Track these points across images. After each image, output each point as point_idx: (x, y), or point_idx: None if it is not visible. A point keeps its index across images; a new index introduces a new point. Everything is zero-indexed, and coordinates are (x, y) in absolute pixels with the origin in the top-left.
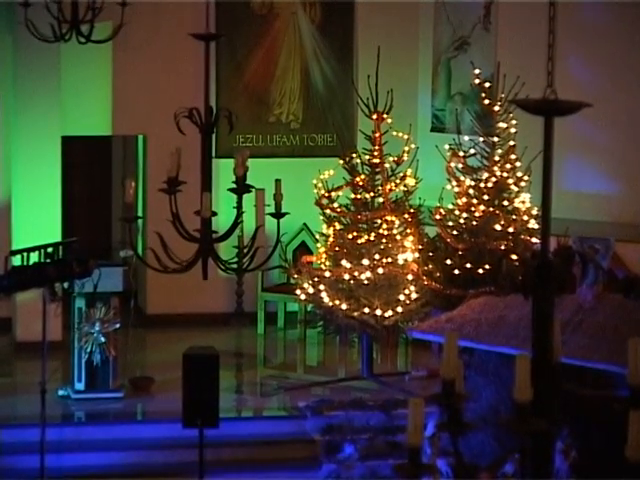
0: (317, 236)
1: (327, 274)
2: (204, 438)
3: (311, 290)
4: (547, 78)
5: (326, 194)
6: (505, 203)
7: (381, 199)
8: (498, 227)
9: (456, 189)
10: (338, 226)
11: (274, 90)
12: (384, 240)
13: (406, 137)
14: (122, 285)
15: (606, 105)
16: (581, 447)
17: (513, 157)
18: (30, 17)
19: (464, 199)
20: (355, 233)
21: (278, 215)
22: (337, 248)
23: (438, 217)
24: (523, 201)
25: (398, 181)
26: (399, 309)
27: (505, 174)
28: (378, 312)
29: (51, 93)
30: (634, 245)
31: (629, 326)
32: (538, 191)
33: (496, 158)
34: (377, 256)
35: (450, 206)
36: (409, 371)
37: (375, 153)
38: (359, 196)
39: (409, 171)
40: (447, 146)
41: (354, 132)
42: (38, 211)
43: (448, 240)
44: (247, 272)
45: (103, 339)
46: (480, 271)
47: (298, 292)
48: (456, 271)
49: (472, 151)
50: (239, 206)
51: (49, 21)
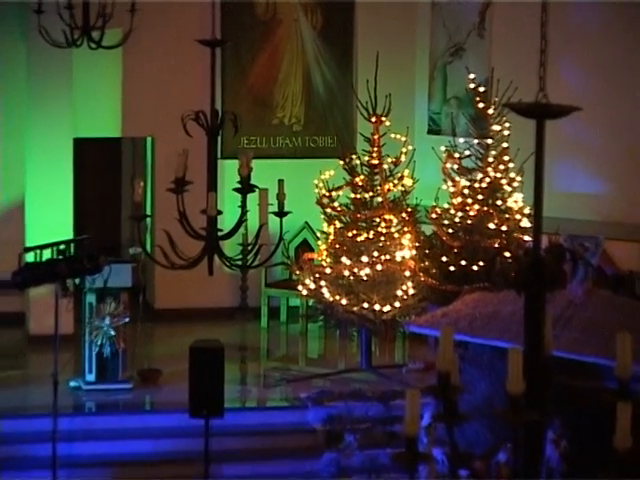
0: (318, 234)
1: (328, 270)
2: (210, 427)
3: (312, 286)
4: (539, 82)
5: (327, 194)
6: (498, 203)
7: (380, 199)
8: (492, 226)
9: (451, 189)
10: (338, 224)
11: (277, 94)
12: (382, 238)
13: (404, 139)
14: (131, 281)
15: (596, 109)
16: (571, 437)
17: (506, 158)
18: (43, 24)
19: (459, 199)
20: (355, 231)
21: (281, 214)
22: (337, 246)
23: (434, 216)
24: (516, 201)
25: (396, 181)
26: (397, 304)
27: (498, 175)
28: (377, 307)
29: (63, 96)
30: (623, 243)
31: (618, 321)
32: (530, 191)
33: (490, 159)
34: (376, 253)
35: (446, 205)
36: (406, 364)
37: (374, 154)
38: (358, 196)
39: (406, 172)
40: (443, 148)
41: (354, 134)
42: (51, 210)
43: (444, 238)
44: (251, 268)
45: (113, 333)
46: (474, 268)
47: (300, 288)
48: (451, 268)
49: (467, 153)
50: (243, 205)
51: (61, 27)
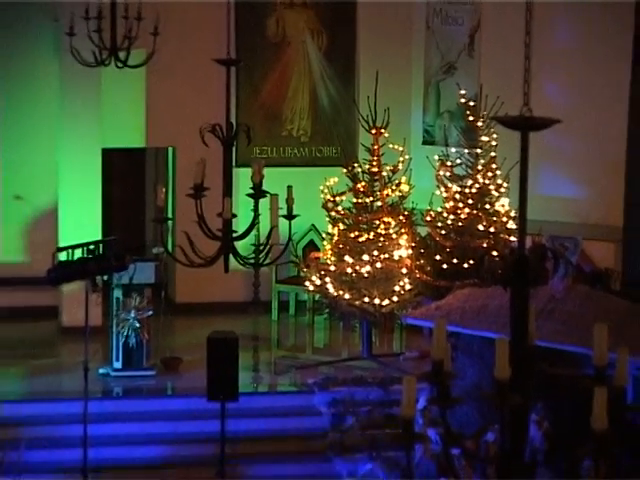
0: (323, 235)
1: (332, 268)
2: (225, 410)
3: (318, 282)
4: (523, 98)
5: (331, 199)
6: (487, 206)
7: (379, 203)
8: (481, 227)
9: (444, 194)
10: (342, 226)
11: (286, 108)
12: (382, 239)
13: (401, 149)
14: (154, 278)
15: (575, 121)
16: (553, 418)
17: (494, 166)
18: (75, 45)
19: (451, 203)
20: (357, 232)
21: (290, 217)
22: (341, 245)
23: (429, 219)
24: (502, 205)
25: (394, 187)
26: (395, 298)
27: (487, 181)
28: (376, 301)
29: (92, 111)
30: (599, 243)
31: (595, 313)
32: (515, 196)
33: (479, 167)
34: (376, 252)
35: (439, 209)
36: (403, 352)
37: (374, 163)
38: (360, 200)
39: (403, 179)
40: (436, 157)
41: (356, 145)
42: (81, 213)
43: (437, 239)
44: (263, 266)
45: (138, 324)
46: (465, 266)
47: (307, 284)
48: (444, 265)
49: (458, 161)
50: (256, 209)
51: (91, 48)
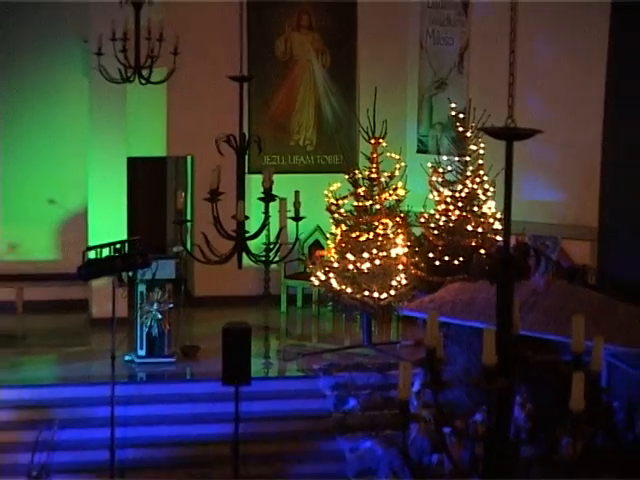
0: (327, 235)
1: (335, 265)
2: (239, 393)
3: (323, 277)
4: (508, 110)
5: (334, 202)
6: (475, 209)
7: (378, 206)
8: (469, 228)
9: (437, 198)
10: (344, 227)
11: (293, 121)
12: (380, 238)
13: (397, 157)
14: (175, 274)
15: (554, 132)
16: (535, 400)
17: (481, 173)
18: (102, 63)
19: (443, 206)
20: (357, 232)
21: (297, 219)
22: (343, 244)
23: (422, 220)
24: (489, 207)
25: (391, 192)
26: (392, 292)
27: (475, 186)
28: (375, 294)
29: (118, 123)
30: (576, 242)
31: (573, 306)
32: (501, 199)
33: (468, 174)
34: (375, 251)
35: (432, 211)
36: (400, 341)
37: (373, 170)
38: (360, 203)
39: (400, 184)
40: (429, 164)
41: (356, 153)
42: (109, 215)
43: (430, 238)
44: (273, 263)
45: (160, 316)
46: (456, 262)
47: (313, 279)
48: (437, 262)
49: (449, 168)
50: (266, 212)
51: (117, 67)
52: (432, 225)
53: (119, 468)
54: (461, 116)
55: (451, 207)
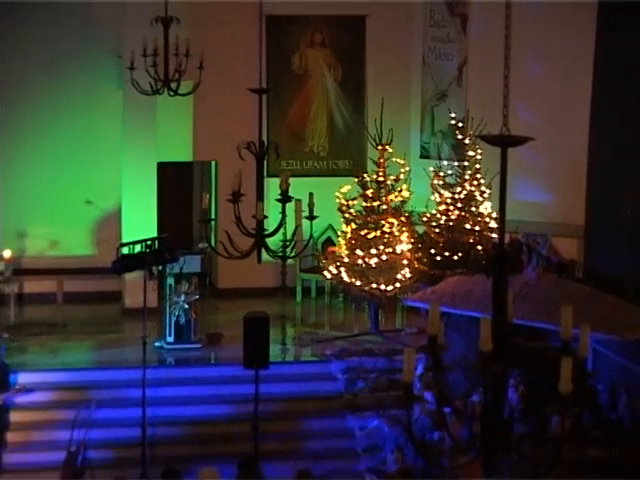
0: (339, 233)
1: (346, 260)
2: (259, 376)
3: (335, 271)
4: (503, 120)
5: (345, 203)
6: (473, 209)
7: (384, 206)
8: (468, 226)
9: (438, 199)
10: (354, 226)
11: (308, 129)
12: (386, 236)
13: (402, 162)
14: (200, 268)
15: (545, 139)
16: (527, 383)
17: (478, 176)
18: (134, 77)
19: (443, 206)
20: (366, 230)
21: (311, 218)
22: (353, 241)
23: (425, 219)
24: (486, 208)
25: (397, 193)
26: (397, 285)
27: (473, 188)
28: (382, 287)
29: (149, 131)
30: (564, 239)
31: (561, 297)
32: (496, 200)
33: (466, 177)
34: (381, 247)
35: (433, 211)
36: (404, 329)
37: (380, 174)
38: (369, 204)
39: (404, 186)
40: (431, 168)
41: (365, 159)
42: (140, 215)
43: (432, 236)
44: (289, 258)
45: (187, 306)
46: (455, 258)
47: (325, 272)
48: (438, 257)
49: (449, 172)
50: (283, 211)
51: (148, 80)
52: (434, 224)
53: (150, 444)
54: (460, 125)
55: (451, 207)
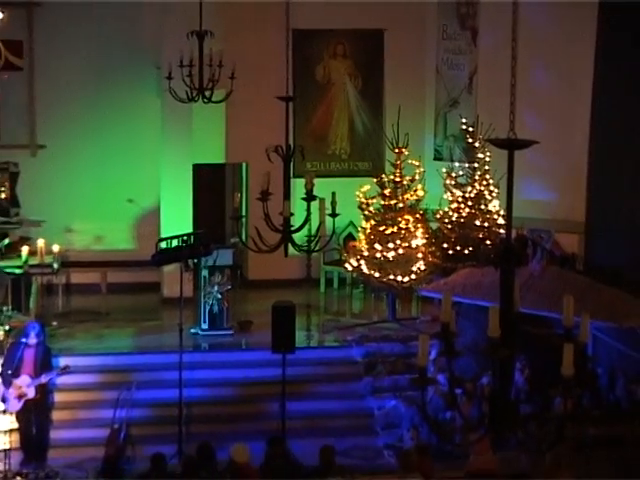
0: (359, 229)
1: (365, 253)
2: (285, 360)
3: (355, 264)
4: (509, 125)
5: (365, 201)
6: (482, 207)
7: (401, 204)
8: (477, 223)
9: (450, 198)
10: (373, 222)
11: (331, 133)
12: (403, 231)
13: (417, 164)
14: (232, 260)
15: (548, 142)
16: (532, 366)
17: (487, 177)
18: (172, 86)
19: (455, 204)
20: (384, 226)
21: (333, 215)
22: (372, 236)
23: (438, 216)
24: (494, 206)
25: (412, 193)
26: (413, 276)
27: (482, 188)
28: (399, 278)
29: (185, 135)
30: (566, 234)
31: (563, 287)
32: (504, 199)
33: (476, 177)
34: (398, 241)
35: (446, 209)
36: (419, 317)
37: (397, 174)
38: (386, 202)
39: (419, 186)
40: (444, 170)
41: (383, 161)
42: (177, 212)
43: (445, 231)
44: (313, 252)
45: (220, 296)
46: (466, 251)
47: (347, 265)
48: (450, 251)
49: (460, 173)
50: (308, 209)
51: (184, 89)
52: (446, 220)
53: (185, 422)
54: (470, 129)
55: (462, 205)
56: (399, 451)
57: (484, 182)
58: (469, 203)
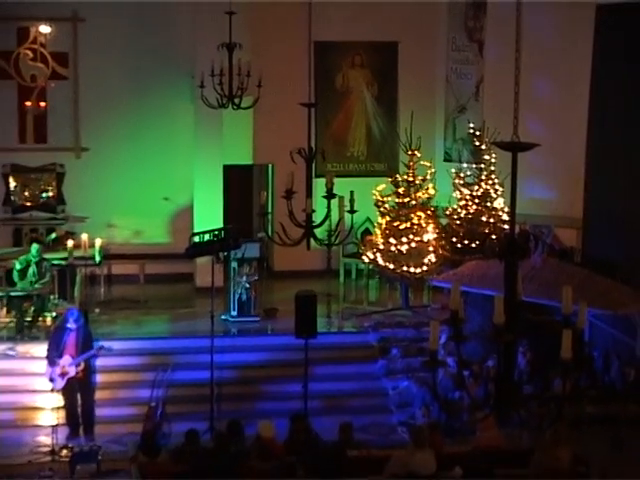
0: (375, 224)
1: (381, 247)
2: (308, 344)
3: (371, 256)
4: (513, 129)
5: (380, 199)
6: (488, 204)
7: (414, 202)
8: (484, 219)
9: (458, 196)
10: (388, 218)
11: (349, 137)
12: (415, 226)
13: (428, 165)
14: (259, 253)
15: (549, 145)
16: (533, 350)
17: (493, 177)
18: (204, 94)
19: (463, 202)
20: (398, 222)
21: (352, 212)
22: (387, 231)
23: (448, 213)
24: (499, 203)
25: (424, 191)
26: (424, 268)
27: (488, 187)
28: (412, 269)
29: (216, 139)
30: (565, 229)
31: (562, 278)
32: (508, 197)
33: (483, 177)
34: (411, 236)
35: (455, 206)
36: (430, 305)
37: (410, 174)
38: (400, 200)
39: (430, 185)
40: (453, 170)
41: (397, 162)
42: (209, 209)
43: (454, 227)
44: (333, 246)
45: (248, 285)
46: (473, 245)
47: (364, 257)
48: (459, 245)
49: (468, 173)
50: (328, 206)
51: (215, 96)
52: (455, 217)
53: (216, 401)
54: (477, 133)
55: (469, 203)
56: (412, 427)
57: (490, 181)
58: (476, 201)
